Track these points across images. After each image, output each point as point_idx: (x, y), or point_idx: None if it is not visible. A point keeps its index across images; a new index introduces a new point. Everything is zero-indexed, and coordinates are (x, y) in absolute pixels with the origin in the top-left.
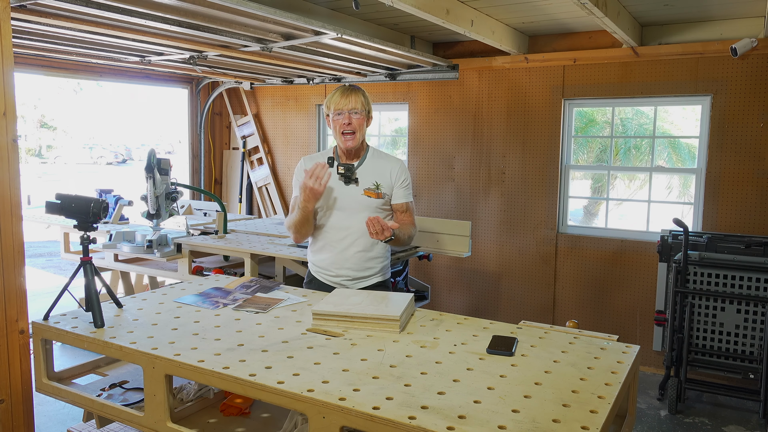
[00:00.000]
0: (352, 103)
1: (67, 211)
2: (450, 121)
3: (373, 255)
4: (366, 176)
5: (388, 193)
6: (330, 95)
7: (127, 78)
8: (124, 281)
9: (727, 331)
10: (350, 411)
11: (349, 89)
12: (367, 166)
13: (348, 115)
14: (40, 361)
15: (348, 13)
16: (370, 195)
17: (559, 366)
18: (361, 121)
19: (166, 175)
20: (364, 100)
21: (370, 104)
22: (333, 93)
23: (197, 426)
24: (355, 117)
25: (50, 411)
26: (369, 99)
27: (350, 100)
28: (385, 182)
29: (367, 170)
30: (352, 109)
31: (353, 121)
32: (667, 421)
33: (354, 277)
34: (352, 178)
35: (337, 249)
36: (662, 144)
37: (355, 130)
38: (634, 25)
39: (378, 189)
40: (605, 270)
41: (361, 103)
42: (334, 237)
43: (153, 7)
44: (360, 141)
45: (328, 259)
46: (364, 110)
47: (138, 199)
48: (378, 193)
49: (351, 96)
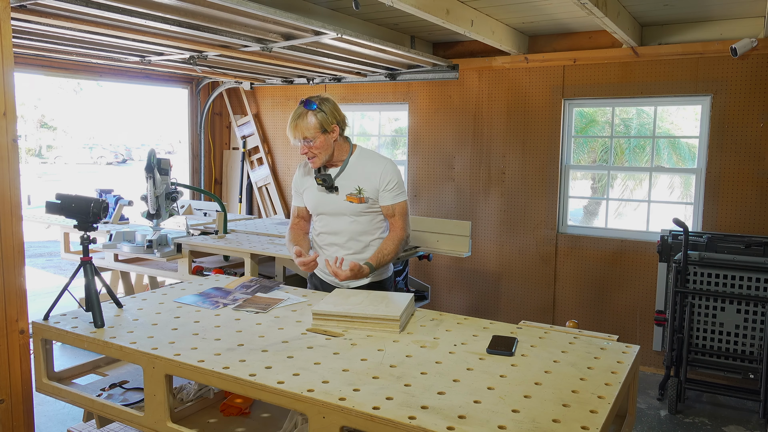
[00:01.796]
0: (302, 131)
1: (67, 211)
2: (450, 121)
3: (365, 257)
4: (349, 181)
5: (373, 197)
6: (288, 121)
7: (127, 78)
8: (124, 281)
9: (727, 331)
10: (350, 411)
11: (297, 116)
12: (349, 170)
13: (303, 145)
14: (40, 361)
15: (348, 13)
16: (352, 200)
17: (559, 366)
18: (320, 143)
19: (166, 175)
20: (314, 122)
21: (331, 114)
22: (289, 118)
23: (197, 426)
24: (310, 144)
25: (50, 411)
26: (328, 110)
27: (299, 128)
28: (369, 185)
29: (350, 174)
30: (304, 138)
31: (309, 149)
32: (667, 421)
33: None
34: (333, 186)
35: (327, 253)
36: (664, 144)
37: (315, 154)
38: (634, 25)
39: (360, 194)
40: (605, 270)
41: (311, 128)
42: (324, 241)
43: (153, 7)
44: (327, 157)
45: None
46: (318, 131)
47: (138, 199)
48: (360, 198)
49: (298, 124)
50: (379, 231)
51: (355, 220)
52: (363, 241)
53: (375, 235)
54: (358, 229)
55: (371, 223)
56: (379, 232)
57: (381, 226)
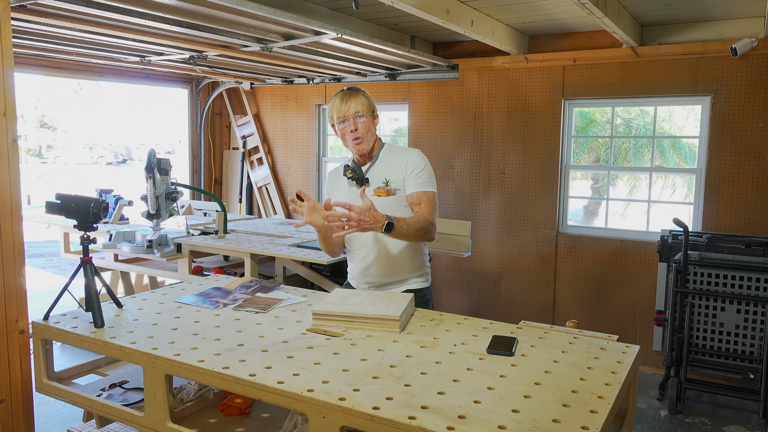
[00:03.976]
0: (354, 106)
1: (67, 211)
2: (450, 121)
3: (398, 259)
4: (378, 176)
5: (400, 187)
6: (331, 104)
7: (127, 78)
8: (124, 281)
9: (727, 331)
10: (350, 411)
11: (347, 93)
12: (379, 164)
13: (353, 121)
14: (40, 361)
15: (348, 13)
16: (380, 194)
17: (559, 366)
18: (368, 123)
19: (166, 175)
20: (365, 101)
21: (374, 103)
22: (333, 101)
23: (197, 426)
24: (361, 121)
25: (50, 411)
26: (371, 98)
27: (351, 104)
28: (396, 177)
29: (380, 169)
30: (356, 113)
31: (359, 126)
32: (667, 421)
33: (381, 283)
34: (363, 179)
35: (359, 256)
36: (666, 144)
37: (363, 135)
38: (634, 25)
39: (387, 186)
40: (605, 270)
41: (363, 105)
42: (355, 244)
43: (153, 7)
44: (371, 143)
45: (357, 267)
46: (369, 111)
47: (138, 199)
48: (388, 191)
49: (351, 100)
50: None
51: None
52: (397, 247)
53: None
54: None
55: None
56: None
57: None
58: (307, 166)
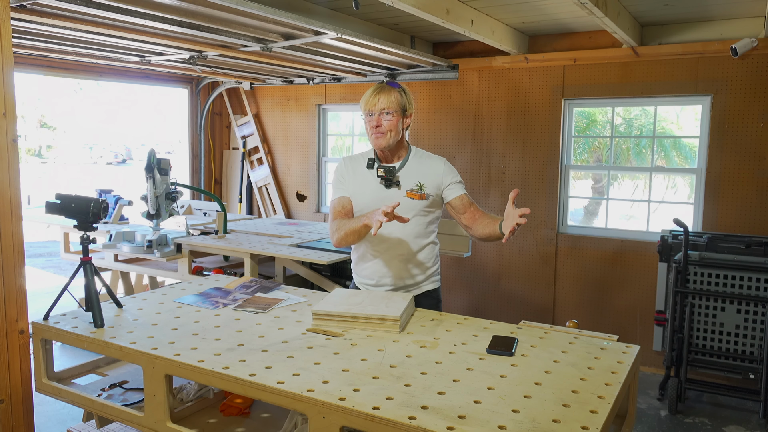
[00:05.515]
0: (382, 102)
1: (67, 211)
2: (450, 121)
3: (416, 262)
4: (409, 177)
5: (433, 194)
6: (364, 94)
7: (127, 78)
8: (124, 281)
9: (727, 331)
10: (350, 411)
11: (380, 88)
12: (410, 166)
13: (378, 117)
14: (40, 361)
15: (348, 13)
16: (413, 197)
17: (559, 366)
18: (394, 121)
19: (166, 175)
20: (399, 98)
21: (409, 101)
22: (367, 92)
23: (197, 426)
24: (386, 118)
25: (50, 411)
26: (409, 95)
27: (380, 99)
28: (429, 182)
29: (410, 171)
30: (383, 110)
31: (383, 123)
32: (667, 421)
33: (397, 285)
34: (393, 181)
35: (377, 256)
36: (668, 143)
37: (385, 131)
38: (634, 25)
39: (421, 189)
40: (605, 270)
41: (392, 102)
42: (375, 244)
43: (153, 7)
44: (393, 140)
45: (370, 267)
46: (398, 109)
47: (138, 199)
48: (421, 194)
49: (381, 95)
50: (432, 236)
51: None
52: (417, 243)
53: (429, 239)
54: (414, 231)
55: (426, 227)
56: (432, 236)
57: (434, 230)
58: (307, 166)
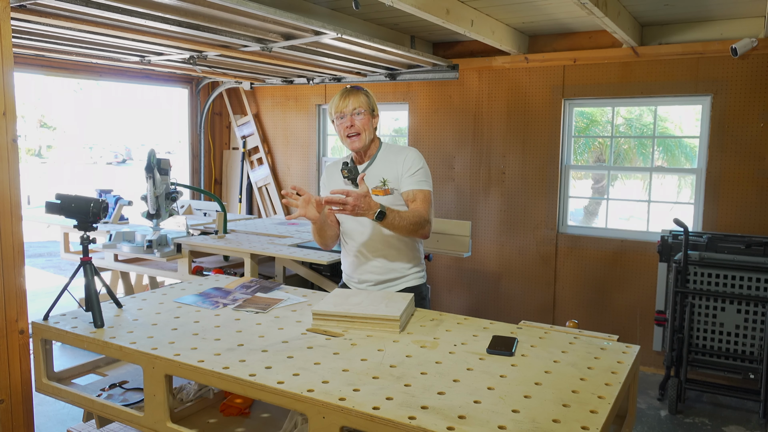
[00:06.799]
0: (352, 104)
1: (67, 211)
2: (450, 121)
3: (396, 258)
4: (376, 175)
5: (397, 187)
6: (331, 100)
7: (127, 78)
8: (124, 281)
9: (727, 331)
10: (350, 411)
11: (348, 91)
12: (377, 164)
13: (350, 117)
14: (40, 361)
15: (348, 13)
16: (377, 193)
17: (559, 366)
18: (365, 121)
19: (166, 175)
20: (365, 99)
21: (375, 102)
22: (333, 98)
23: (197, 426)
24: (358, 118)
25: (50, 411)
26: (373, 97)
27: (350, 101)
28: (392, 176)
29: (377, 168)
30: (353, 110)
31: (356, 123)
32: (667, 421)
33: (377, 281)
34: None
35: (355, 252)
36: (669, 144)
37: (360, 131)
38: (634, 25)
39: (385, 185)
40: (605, 270)
41: (362, 103)
42: (352, 242)
43: (153, 7)
44: (367, 141)
45: (351, 264)
46: (368, 109)
47: (138, 199)
48: (385, 190)
49: (350, 97)
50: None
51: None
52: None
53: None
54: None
55: None
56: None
57: None
58: (307, 166)
